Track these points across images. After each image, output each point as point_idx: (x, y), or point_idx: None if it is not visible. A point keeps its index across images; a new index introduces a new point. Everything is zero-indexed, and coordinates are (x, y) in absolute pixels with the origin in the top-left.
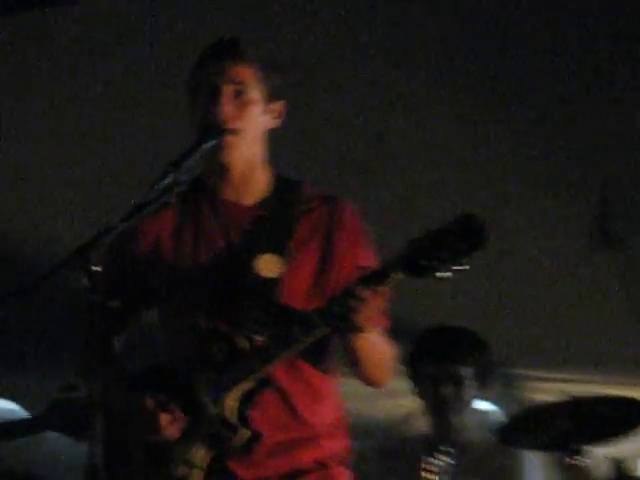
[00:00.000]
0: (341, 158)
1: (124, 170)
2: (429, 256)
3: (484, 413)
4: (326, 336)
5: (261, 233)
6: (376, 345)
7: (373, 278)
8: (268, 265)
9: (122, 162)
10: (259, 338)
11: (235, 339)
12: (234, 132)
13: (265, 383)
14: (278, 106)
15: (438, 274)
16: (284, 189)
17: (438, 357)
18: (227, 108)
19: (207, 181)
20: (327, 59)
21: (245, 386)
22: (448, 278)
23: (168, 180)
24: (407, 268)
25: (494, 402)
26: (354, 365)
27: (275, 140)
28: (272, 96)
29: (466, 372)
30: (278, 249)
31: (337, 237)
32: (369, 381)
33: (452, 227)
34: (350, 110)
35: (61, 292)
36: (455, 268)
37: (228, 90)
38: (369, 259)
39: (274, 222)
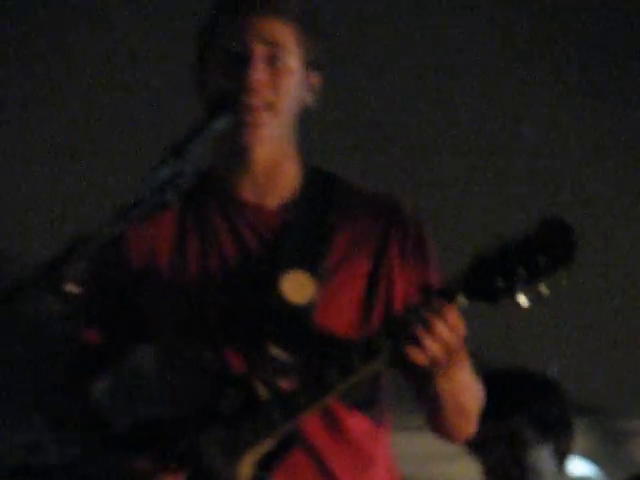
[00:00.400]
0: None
1: (110, 164)
2: (505, 274)
3: None
4: (376, 374)
5: (289, 245)
6: (465, 388)
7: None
8: (297, 287)
9: (109, 154)
10: (284, 383)
11: (252, 384)
12: (268, 107)
13: (292, 442)
14: (317, 79)
15: (517, 299)
16: (318, 186)
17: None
18: (261, 74)
19: (219, 175)
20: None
21: (264, 446)
22: (523, 305)
23: (167, 172)
24: (474, 290)
25: (593, 462)
26: (433, 416)
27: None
28: (311, 65)
29: (524, 428)
30: (311, 266)
31: (395, 249)
32: (451, 435)
33: (535, 236)
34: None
35: (25, 321)
36: (539, 290)
37: (262, 52)
38: (436, 280)
39: (306, 230)
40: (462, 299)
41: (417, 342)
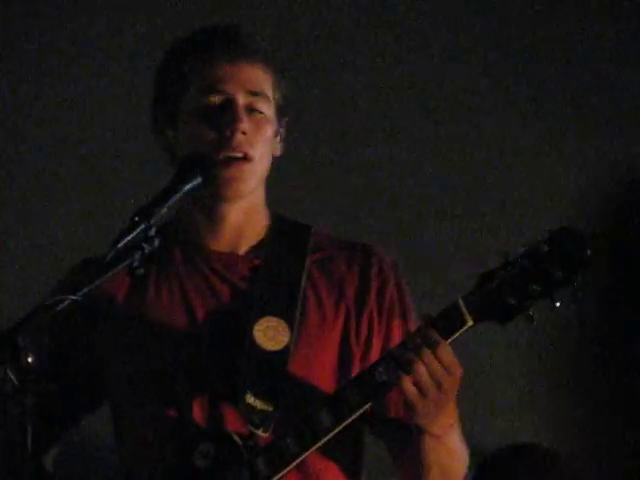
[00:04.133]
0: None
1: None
2: (518, 291)
3: None
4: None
5: (260, 290)
6: (452, 450)
7: (441, 324)
8: (271, 333)
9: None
10: (261, 434)
11: (225, 438)
12: (247, 160)
13: None
14: (285, 125)
15: (531, 316)
16: (287, 232)
17: None
18: (246, 126)
19: (182, 224)
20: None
21: None
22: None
23: (134, 236)
24: (485, 310)
25: None
26: (413, 476)
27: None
28: (283, 111)
29: None
30: (284, 311)
31: (373, 296)
32: None
33: (546, 249)
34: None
35: None
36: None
37: (244, 102)
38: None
39: (276, 275)
40: (470, 321)
41: (409, 369)
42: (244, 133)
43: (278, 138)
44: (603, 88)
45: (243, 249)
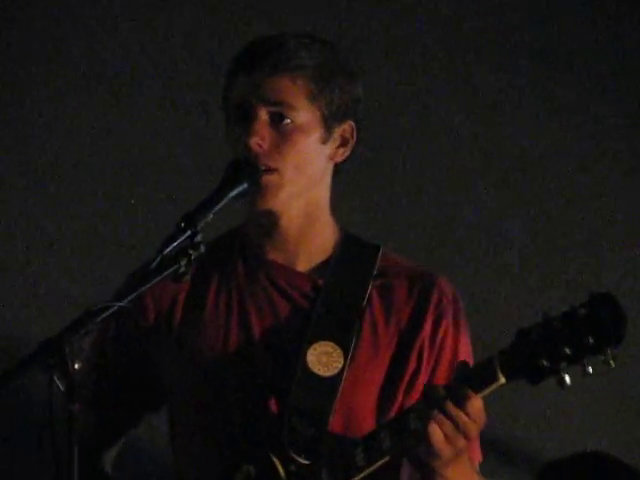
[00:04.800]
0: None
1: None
2: (551, 353)
3: None
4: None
5: (320, 312)
6: None
7: (474, 377)
8: (323, 358)
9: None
10: (303, 462)
11: (268, 461)
12: (272, 172)
13: None
14: (344, 130)
15: (562, 379)
16: (353, 253)
17: None
18: (261, 138)
19: (247, 235)
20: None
21: None
22: (567, 383)
23: (180, 242)
24: (517, 369)
25: None
26: None
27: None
28: (336, 116)
29: None
30: (341, 337)
31: (429, 327)
32: None
33: (582, 313)
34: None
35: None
36: (584, 369)
37: (263, 113)
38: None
39: (338, 298)
40: (502, 378)
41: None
42: (260, 146)
43: (331, 144)
44: None
45: (304, 263)
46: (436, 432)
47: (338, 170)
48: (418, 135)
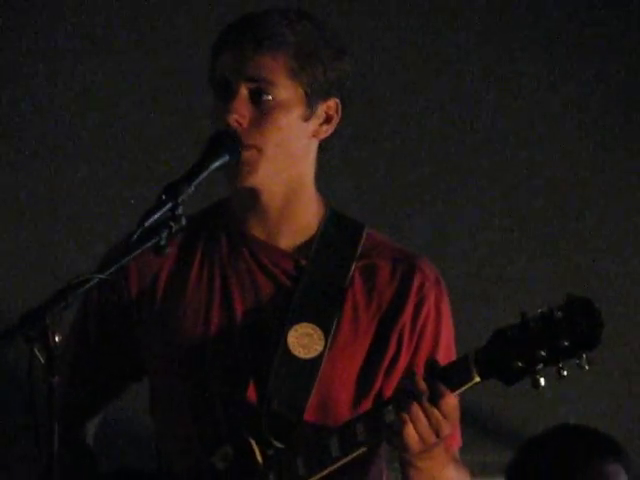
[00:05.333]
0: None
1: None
2: (526, 355)
3: None
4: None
5: (302, 293)
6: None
7: (449, 375)
8: (304, 340)
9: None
10: (281, 446)
11: (246, 444)
12: (251, 148)
13: None
14: (327, 107)
15: (536, 380)
16: (338, 232)
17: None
18: (241, 115)
19: (231, 210)
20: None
21: None
22: (541, 385)
23: (161, 214)
24: (491, 369)
25: None
26: None
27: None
28: (320, 93)
29: None
30: (321, 318)
31: (410, 311)
32: None
33: (558, 316)
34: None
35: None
36: (559, 371)
37: (243, 90)
38: (450, 355)
39: (320, 278)
40: (476, 377)
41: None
42: (240, 123)
43: (314, 121)
44: None
45: (287, 239)
46: (409, 428)
47: (324, 147)
48: (417, 115)
